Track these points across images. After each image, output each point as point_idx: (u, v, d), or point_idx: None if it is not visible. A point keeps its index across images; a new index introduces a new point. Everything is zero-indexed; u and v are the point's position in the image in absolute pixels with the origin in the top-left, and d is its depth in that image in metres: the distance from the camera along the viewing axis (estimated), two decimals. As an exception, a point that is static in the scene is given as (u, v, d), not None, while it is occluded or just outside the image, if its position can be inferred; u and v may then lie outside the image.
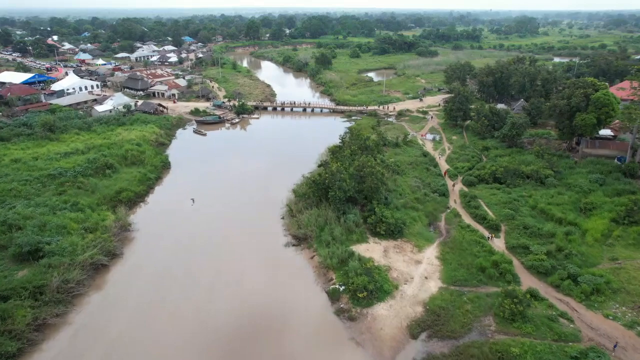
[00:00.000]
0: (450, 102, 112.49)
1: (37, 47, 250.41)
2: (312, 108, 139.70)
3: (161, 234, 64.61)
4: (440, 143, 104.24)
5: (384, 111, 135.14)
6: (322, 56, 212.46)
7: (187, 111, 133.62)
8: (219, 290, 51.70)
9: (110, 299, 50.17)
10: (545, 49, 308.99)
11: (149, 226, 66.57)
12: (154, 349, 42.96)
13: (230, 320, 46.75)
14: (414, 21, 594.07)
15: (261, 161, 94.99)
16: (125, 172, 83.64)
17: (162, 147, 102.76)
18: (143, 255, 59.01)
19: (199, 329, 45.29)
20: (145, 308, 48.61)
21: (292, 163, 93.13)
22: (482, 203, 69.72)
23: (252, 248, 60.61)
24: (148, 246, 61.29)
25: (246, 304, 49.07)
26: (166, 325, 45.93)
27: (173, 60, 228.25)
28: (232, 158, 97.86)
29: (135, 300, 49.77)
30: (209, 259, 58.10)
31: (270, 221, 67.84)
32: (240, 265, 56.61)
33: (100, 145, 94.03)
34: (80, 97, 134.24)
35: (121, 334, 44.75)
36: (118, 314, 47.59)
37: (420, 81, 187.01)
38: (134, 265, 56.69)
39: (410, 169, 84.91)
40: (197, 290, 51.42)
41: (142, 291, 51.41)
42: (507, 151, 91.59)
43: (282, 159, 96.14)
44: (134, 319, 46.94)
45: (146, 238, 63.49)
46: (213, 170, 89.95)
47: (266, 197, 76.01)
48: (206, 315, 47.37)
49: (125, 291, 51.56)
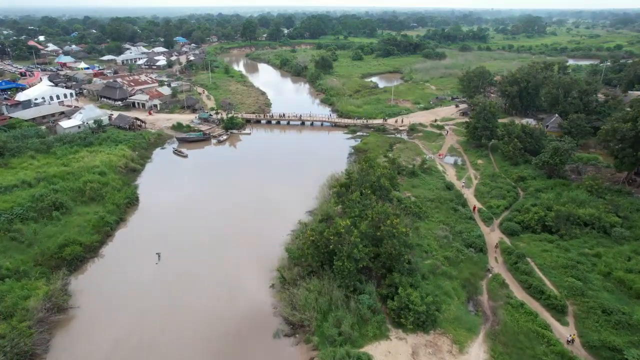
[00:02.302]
0: (473, 118, 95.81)
1: (16, 48, 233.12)
2: (311, 121, 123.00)
3: (108, 312, 48.04)
4: (464, 169, 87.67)
5: (394, 125, 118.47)
6: (323, 59, 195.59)
7: (169, 125, 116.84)
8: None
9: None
10: (557, 50, 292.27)
11: (94, 300, 49.96)
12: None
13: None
14: (417, 20, 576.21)
15: (249, 192, 78.34)
16: (79, 214, 66.94)
17: (132, 175, 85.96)
18: (78, 354, 42.47)
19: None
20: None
21: (287, 196, 76.61)
22: (534, 265, 53.20)
23: (226, 339, 44.08)
24: (86, 335, 44.74)
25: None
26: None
27: (161, 63, 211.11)
28: (215, 188, 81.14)
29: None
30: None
31: (256, 291, 51.29)
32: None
33: (54, 175, 77.12)
34: (46, 110, 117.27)
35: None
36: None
37: (430, 88, 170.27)
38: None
39: (433, 209, 68.28)
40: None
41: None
42: (549, 183, 75.01)
43: (275, 190, 79.48)
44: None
45: (86, 322, 46.91)
46: (189, 206, 73.22)
47: (252, 249, 59.47)
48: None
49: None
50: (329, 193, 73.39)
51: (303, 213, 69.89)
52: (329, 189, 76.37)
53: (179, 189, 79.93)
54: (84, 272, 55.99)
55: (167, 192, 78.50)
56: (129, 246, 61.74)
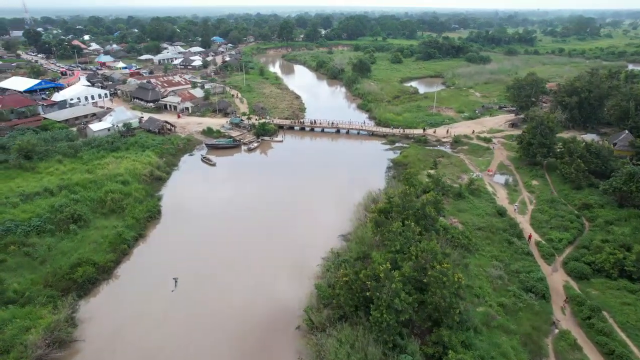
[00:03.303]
0: (528, 132, 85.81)
1: (60, 48, 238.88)
2: (347, 129, 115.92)
3: (112, 349, 43.02)
4: (516, 190, 78.12)
5: (436, 136, 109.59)
6: (360, 62, 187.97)
7: (199, 130, 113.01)
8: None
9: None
10: (614, 54, 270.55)
11: (101, 333, 45.14)
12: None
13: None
14: (458, 22, 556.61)
15: (278, 209, 72.32)
16: (97, 228, 63.04)
17: (157, 184, 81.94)
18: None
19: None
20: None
21: (319, 215, 70.06)
22: (614, 323, 44.06)
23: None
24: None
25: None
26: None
27: (197, 64, 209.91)
28: (241, 202, 75.54)
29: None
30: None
31: (281, 331, 44.96)
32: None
33: (77, 183, 74.03)
34: (79, 111, 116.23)
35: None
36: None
37: (474, 95, 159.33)
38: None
39: (484, 240, 59.79)
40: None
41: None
42: (621, 213, 64.61)
43: (306, 208, 73.14)
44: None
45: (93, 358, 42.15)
46: (212, 223, 68.02)
47: (278, 281, 53.27)
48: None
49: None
50: (365, 215, 66.31)
51: (336, 237, 63.17)
52: (365, 209, 69.38)
53: (203, 202, 74.97)
54: (95, 296, 51.57)
55: (191, 205, 73.70)
56: (145, 268, 56.93)
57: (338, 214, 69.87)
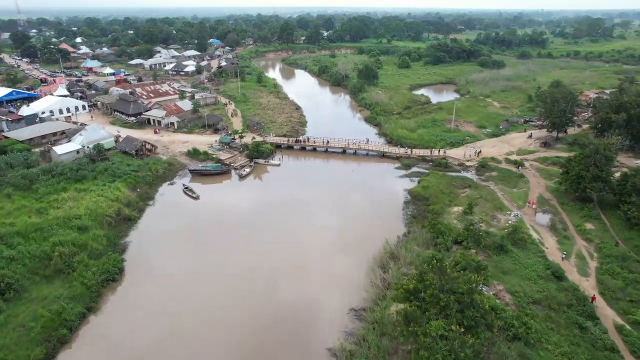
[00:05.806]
0: (577, 163, 70.41)
1: (45, 51, 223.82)
2: (354, 150, 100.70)
3: None
4: (568, 237, 62.71)
5: (457, 159, 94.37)
6: (366, 68, 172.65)
7: (184, 151, 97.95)
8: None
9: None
10: (634, 57, 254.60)
11: None
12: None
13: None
14: (463, 23, 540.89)
15: (273, 265, 57.11)
16: (32, 300, 48.00)
17: (124, 227, 66.63)
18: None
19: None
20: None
21: (324, 273, 54.86)
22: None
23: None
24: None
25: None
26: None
27: (190, 69, 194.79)
28: (224, 259, 60.30)
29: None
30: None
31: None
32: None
33: (17, 232, 58.95)
34: (45, 128, 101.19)
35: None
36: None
37: (493, 105, 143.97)
38: None
39: (544, 323, 44.46)
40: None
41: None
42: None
43: (308, 262, 57.97)
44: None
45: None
46: (191, 288, 52.86)
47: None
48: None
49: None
50: (381, 281, 51.27)
51: (345, 312, 48.12)
52: (380, 266, 54.49)
53: (180, 255, 59.86)
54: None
55: (163, 259, 58.63)
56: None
57: (348, 273, 54.88)
